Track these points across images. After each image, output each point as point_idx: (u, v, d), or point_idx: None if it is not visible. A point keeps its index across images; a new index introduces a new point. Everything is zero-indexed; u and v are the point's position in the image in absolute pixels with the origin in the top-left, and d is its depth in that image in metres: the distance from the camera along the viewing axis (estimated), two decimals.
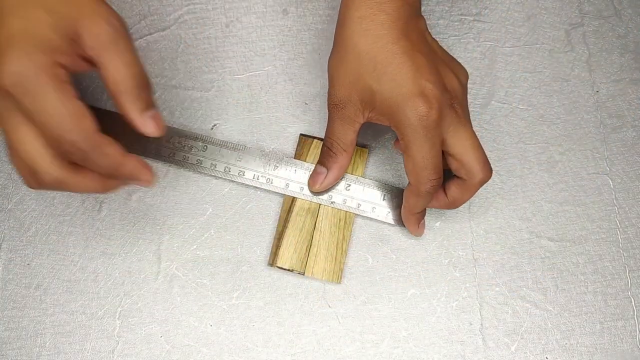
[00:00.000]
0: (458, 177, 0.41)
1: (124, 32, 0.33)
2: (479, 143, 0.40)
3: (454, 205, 0.42)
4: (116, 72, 0.33)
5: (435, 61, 0.39)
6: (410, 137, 0.38)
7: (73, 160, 0.33)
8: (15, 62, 0.30)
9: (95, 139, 0.32)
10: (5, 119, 0.32)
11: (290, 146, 0.47)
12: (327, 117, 0.47)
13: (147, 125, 0.34)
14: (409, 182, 0.40)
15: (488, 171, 0.40)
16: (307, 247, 0.44)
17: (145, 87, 0.34)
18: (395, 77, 0.37)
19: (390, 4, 0.37)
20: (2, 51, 0.30)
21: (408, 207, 0.42)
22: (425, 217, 0.45)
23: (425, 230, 0.45)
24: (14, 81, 0.30)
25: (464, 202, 0.42)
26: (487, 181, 0.40)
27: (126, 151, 0.34)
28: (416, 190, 0.40)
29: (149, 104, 0.34)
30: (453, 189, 0.41)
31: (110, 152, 0.33)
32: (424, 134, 0.37)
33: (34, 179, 0.33)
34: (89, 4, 0.33)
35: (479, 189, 0.41)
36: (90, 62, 0.33)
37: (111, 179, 0.35)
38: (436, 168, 0.38)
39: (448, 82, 0.39)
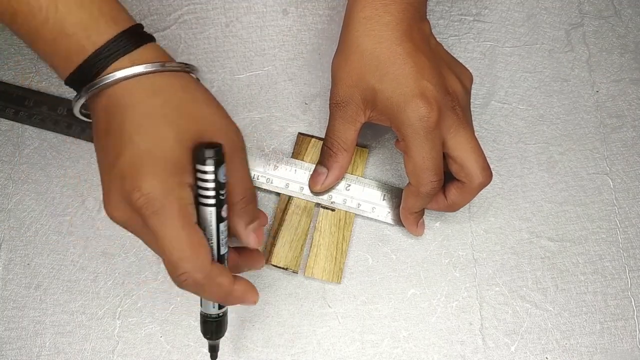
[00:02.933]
0: (458, 180, 0.41)
1: (240, 146, 0.34)
2: (480, 147, 0.40)
3: (453, 208, 0.42)
4: (229, 186, 0.33)
5: (438, 63, 0.39)
6: (410, 137, 0.38)
7: (184, 286, 0.32)
8: (146, 184, 0.30)
9: (210, 270, 0.32)
10: (144, 234, 0.33)
11: (290, 146, 0.47)
12: (327, 117, 0.47)
13: (249, 239, 0.35)
14: (409, 182, 0.40)
15: (488, 175, 0.40)
16: (302, 245, 0.44)
17: (252, 201, 0.35)
18: (397, 77, 0.37)
19: (395, 6, 0.38)
20: (134, 171, 0.31)
21: (407, 207, 0.42)
22: (425, 217, 0.45)
23: (425, 230, 0.45)
24: (144, 202, 0.30)
25: (463, 205, 0.42)
26: (486, 185, 0.40)
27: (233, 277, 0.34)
28: (416, 191, 0.40)
29: (254, 217, 0.35)
30: (453, 191, 0.41)
31: (223, 282, 0.33)
32: (424, 135, 0.37)
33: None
34: (210, 118, 0.33)
35: (478, 192, 0.41)
36: None
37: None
38: (436, 169, 0.38)
39: (450, 85, 0.39)
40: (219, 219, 0.33)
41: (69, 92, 0.47)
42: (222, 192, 0.33)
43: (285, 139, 0.47)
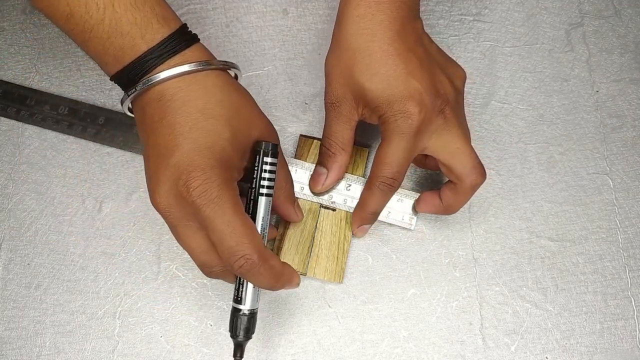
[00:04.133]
0: (451, 182, 0.41)
1: (278, 141, 0.38)
2: (469, 147, 0.39)
3: (449, 210, 0.42)
4: (278, 176, 0.38)
5: (429, 65, 0.39)
6: (390, 132, 0.38)
7: (241, 272, 0.34)
8: (204, 175, 0.32)
9: (264, 252, 0.34)
10: (181, 226, 0.34)
11: (291, 146, 0.47)
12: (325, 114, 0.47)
13: (298, 216, 0.43)
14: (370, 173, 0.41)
15: (479, 174, 0.40)
16: (308, 247, 0.44)
17: (293, 184, 0.41)
18: (388, 77, 0.37)
19: (388, 4, 0.38)
20: (192, 163, 0.33)
21: (359, 201, 0.43)
22: (426, 217, 0.45)
23: (425, 230, 0.45)
24: (201, 192, 0.32)
25: (459, 208, 0.42)
26: (479, 184, 0.40)
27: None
28: (369, 183, 0.40)
29: (295, 197, 0.42)
30: (447, 193, 0.41)
31: (275, 264, 0.35)
32: (405, 135, 0.38)
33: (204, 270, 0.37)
34: (259, 121, 0.37)
35: (473, 193, 0.40)
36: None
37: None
38: (397, 169, 0.39)
39: (441, 87, 0.39)
40: (270, 208, 0.37)
41: (69, 92, 0.47)
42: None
43: (286, 139, 0.47)
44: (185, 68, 0.34)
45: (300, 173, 0.45)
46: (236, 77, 0.39)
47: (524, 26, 0.50)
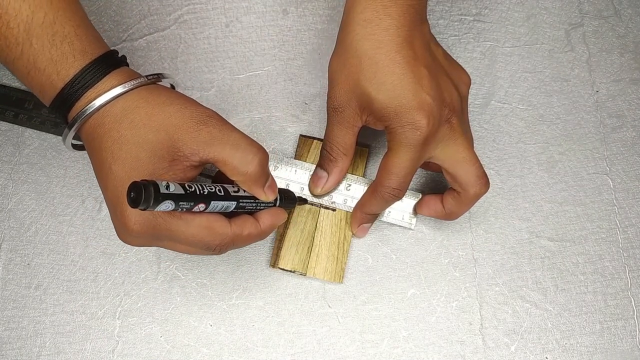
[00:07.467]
0: (454, 189, 0.41)
1: (214, 122, 0.35)
2: (474, 157, 0.39)
3: (450, 216, 0.42)
4: (227, 168, 0.35)
5: (436, 73, 0.38)
6: (398, 143, 0.38)
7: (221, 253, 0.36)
8: (130, 210, 0.33)
9: (232, 234, 0.35)
10: (159, 244, 0.35)
11: (291, 146, 0.47)
12: (327, 118, 0.47)
13: (269, 196, 0.37)
14: (375, 179, 0.40)
15: (483, 184, 0.40)
16: (308, 248, 0.44)
17: (254, 170, 0.36)
18: (395, 87, 0.37)
19: (395, 8, 0.37)
20: (119, 200, 0.33)
21: (361, 202, 0.43)
22: (426, 217, 0.45)
23: (425, 230, 0.45)
24: (137, 229, 0.33)
25: (461, 214, 0.42)
26: (483, 194, 0.40)
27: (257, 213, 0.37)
28: (373, 189, 0.40)
29: (264, 178, 0.36)
30: (449, 200, 0.41)
31: (251, 230, 0.36)
32: (413, 145, 0.37)
33: (212, 251, 0.36)
34: (175, 118, 0.34)
35: (475, 202, 0.41)
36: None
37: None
38: (402, 179, 0.39)
39: (447, 96, 0.38)
40: (228, 199, 0.35)
41: None
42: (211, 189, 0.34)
43: (286, 139, 0.47)
44: (99, 102, 0.33)
45: (300, 173, 0.44)
46: (173, 86, 0.38)
47: (524, 26, 0.50)
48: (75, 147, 0.37)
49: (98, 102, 0.33)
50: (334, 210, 0.45)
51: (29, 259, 0.44)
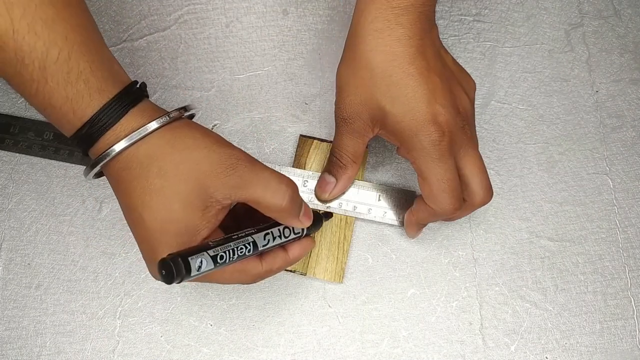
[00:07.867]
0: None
1: (244, 165, 0.35)
2: (485, 167, 0.39)
3: (452, 219, 0.42)
4: (262, 207, 0.36)
5: (449, 81, 0.38)
6: (423, 161, 0.37)
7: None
8: (164, 254, 0.33)
9: (264, 271, 0.37)
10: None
11: (291, 146, 0.47)
12: (327, 117, 0.47)
13: (304, 223, 0.38)
14: (428, 203, 0.39)
15: (489, 195, 0.40)
16: None
17: (288, 201, 0.36)
18: (409, 100, 0.36)
19: (407, 17, 0.36)
20: (152, 246, 0.34)
21: (417, 218, 0.41)
22: None
23: (425, 230, 0.45)
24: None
25: (461, 217, 0.42)
26: (486, 204, 0.40)
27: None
28: (433, 212, 0.39)
29: (298, 207, 0.37)
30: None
31: (281, 264, 0.38)
32: (438, 158, 0.37)
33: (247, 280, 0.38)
34: (206, 165, 0.34)
35: (477, 209, 0.41)
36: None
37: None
38: (454, 192, 0.38)
39: (460, 103, 0.38)
40: (256, 251, 0.36)
41: None
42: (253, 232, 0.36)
43: (286, 139, 0.47)
44: (120, 147, 0.33)
45: (294, 179, 0.44)
46: (192, 116, 0.37)
47: (523, 26, 0.50)
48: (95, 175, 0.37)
49: (118, 147, 0.33)
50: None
51: (29, 259, 0.44)
